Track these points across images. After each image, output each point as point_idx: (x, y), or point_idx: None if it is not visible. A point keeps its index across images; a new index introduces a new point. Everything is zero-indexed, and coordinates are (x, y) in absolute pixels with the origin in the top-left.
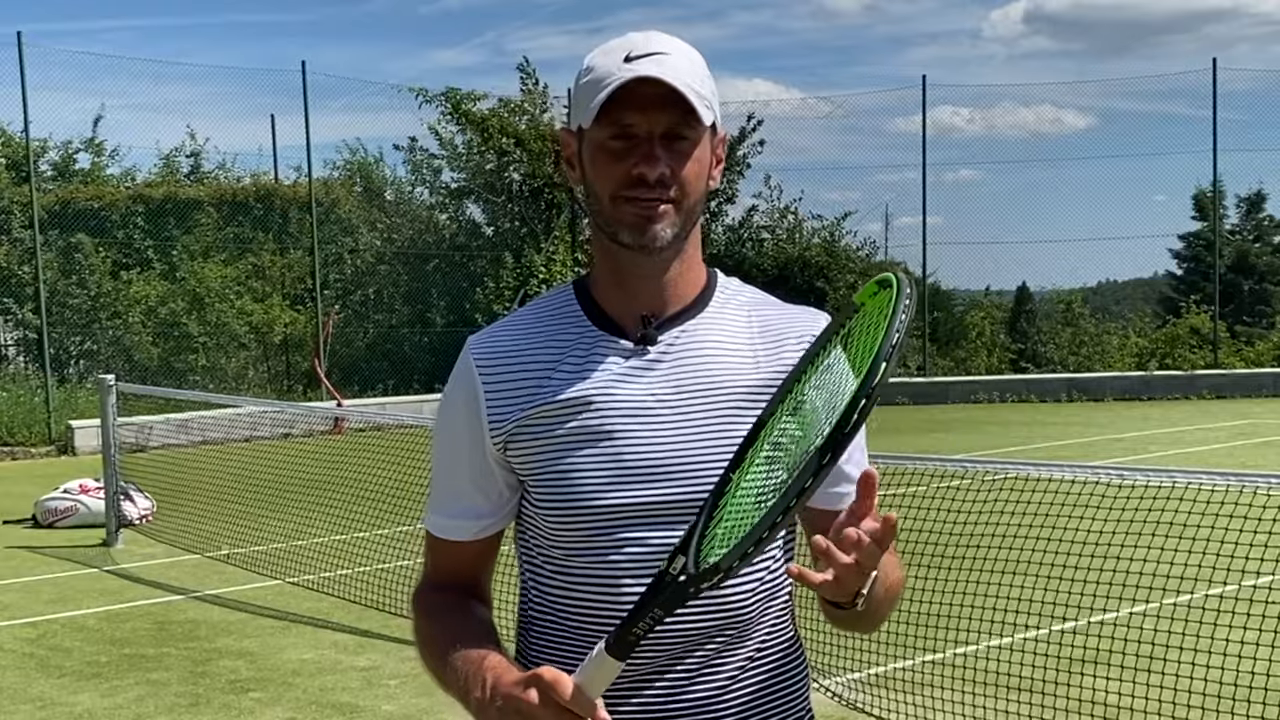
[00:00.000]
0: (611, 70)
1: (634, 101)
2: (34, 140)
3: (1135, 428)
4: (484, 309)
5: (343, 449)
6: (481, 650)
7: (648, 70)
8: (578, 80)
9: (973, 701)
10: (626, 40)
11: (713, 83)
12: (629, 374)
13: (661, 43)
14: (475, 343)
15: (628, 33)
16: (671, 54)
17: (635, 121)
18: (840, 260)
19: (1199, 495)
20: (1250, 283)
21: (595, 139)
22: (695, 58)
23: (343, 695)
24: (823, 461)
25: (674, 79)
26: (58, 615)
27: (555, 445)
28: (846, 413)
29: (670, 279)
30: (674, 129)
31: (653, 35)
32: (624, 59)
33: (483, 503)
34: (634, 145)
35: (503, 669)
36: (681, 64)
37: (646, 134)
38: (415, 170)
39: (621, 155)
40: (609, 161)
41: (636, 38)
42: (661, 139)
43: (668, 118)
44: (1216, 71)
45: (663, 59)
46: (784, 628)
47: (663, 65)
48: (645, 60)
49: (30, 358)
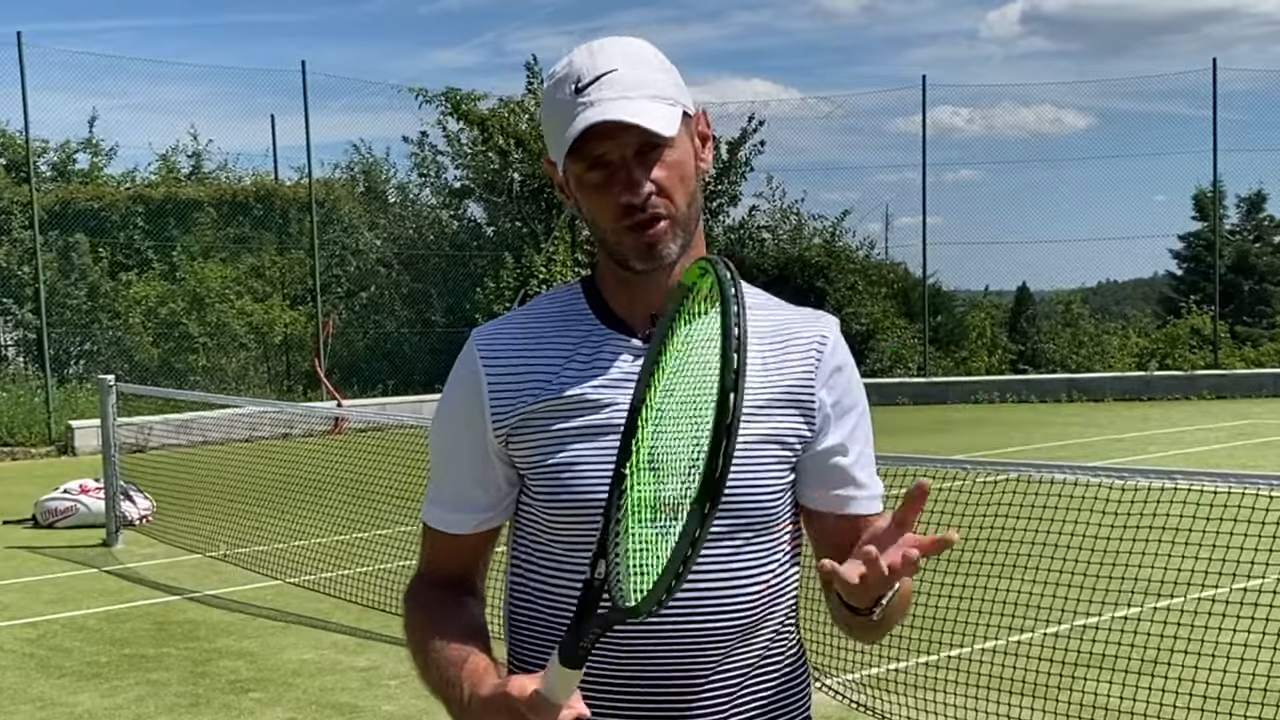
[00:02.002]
0: (565, 105)
1: (597, 132)
2: (34, 140)
3: (1135, 428)
4: (484, 309)
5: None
6: (464, 651)
7: (598, 111)
8: (543, 109)
9: (971, 704)
10: (571, 65)
11: (673, 72)
12: (636, 371)
13: (605, 59)
14: (480, 335)
15: (572, 52)
16: (619, 69)
17: (606, 150)
18: (840, 260)
19: (1199, 497)
20: (1250, 283)
21: (574, 173)
22: (646, 56)
23: (343, 695)
24: (705, 512)
25: (625, 107)
26: (58, 615)
27: (559, 439)
28: (710, 458)
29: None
30: (644, 144)
31: (595, 50)
32: (574, 90)
33: (482, 496)
34: (612, 173)
35: (480, 674)
36: (631, 75)
37: (620, 159)
38: (419, 167)
39: (604, 186)
40: (595, 195)
41: (580, 60)
42: (636, 156)
43: (634, 138)
44: (1216, 71)
45: (612, 80)
46: (789, 629)
47: (614, 88)
48: (594, 87)
49: (30, 358)
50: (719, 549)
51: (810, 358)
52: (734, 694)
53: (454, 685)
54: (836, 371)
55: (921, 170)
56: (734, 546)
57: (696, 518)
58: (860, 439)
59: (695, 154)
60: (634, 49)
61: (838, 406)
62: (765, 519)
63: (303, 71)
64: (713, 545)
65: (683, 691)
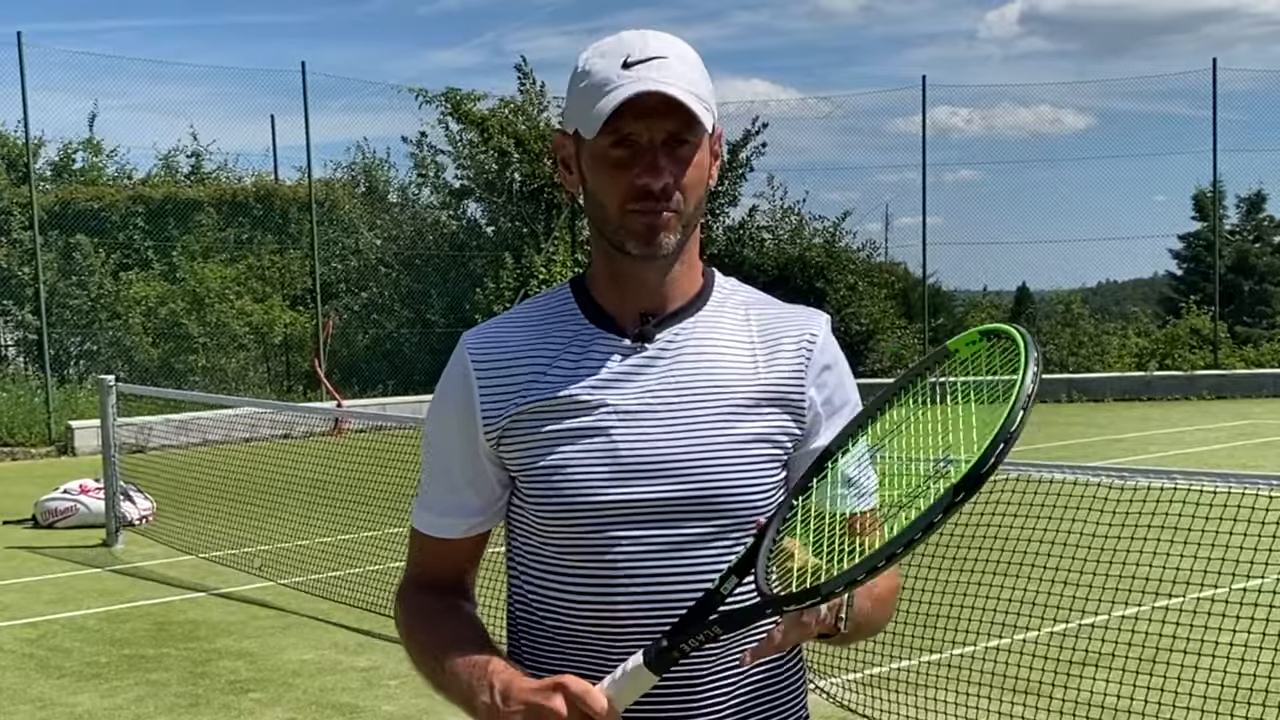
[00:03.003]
0: (610, 77)
1: (635, 109)
2: (33, 140)
3: (1135, 428)
4: (484, 309)
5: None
6: (483, 655)
7: (649, 84)
8: (573, 82)
9: (970, 703)
10: (622, 42)
11: (709, 81)
12: (626, 371)
13: (659, 45)
14: (470, 338)
15: (620, 32)
16: (669, 57)
17: (637, 130)
18: (840, 260)
19: (1199, 497)
20: (1250, 283)
21: (596, 147)
22: (692, 58)
23: (343, 695)
24: (955, 499)
25: (676, 88)
26: (58, 615)
27: (549, 440)
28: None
29: (670, 278)
30: (676, 135)
31: (649, 36)
32: (622, 64)
33: (474, 500)
34: (636, 154)
35: (512, 673)
36: (680, 68)
37: (648, 142)
38: (419, 166)
39: (625, 165)
40: (613, 172)
41: (632, 39)
42: (663, 145)
43: (669, 125)
44: (1216, 71)
45: (662, 64)
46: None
47: (663, 71)
48: (644, 66)
49: (30, 358)
50: (712, 548)
51: (800, 356)
52: (732, 691)
53: (481, 685)
54: (826, 369)
55: (921, 170)
56: (726, 546)
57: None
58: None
59: (709, 168)
60: (683, 48)
61: (828, 404)
62: (756, 518)
63: (303, 72)
64: (705, 544)
65: (683, 689)
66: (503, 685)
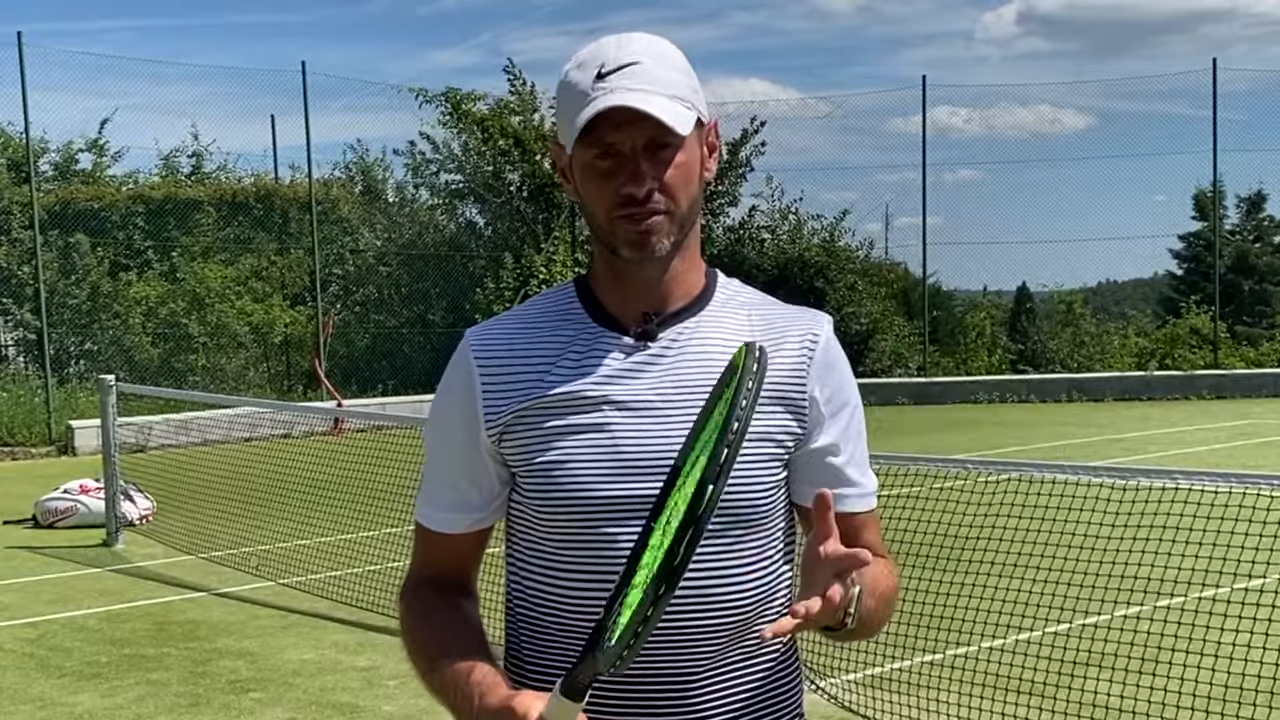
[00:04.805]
0: (585, 90)
1: (613, 119)
2: (34, 140)
3: (1135, 428)
4: (484, 309)
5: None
6: (470, 661)
7: (618, 96)
8: (557, 94)
9: (970, 703)
10: (599, 50)
11: (693, 77)
12: (629, 370)
13: (634, 49)
14: (474, 335)
15: (601, 38)
16: (644, 61)
17: (618, 140)
18: (840, 260)
19: (1200, 497)
20: (1250, 283)
21: (581, 158)
22: (671, 57)
23: (343, 695)
24: (659, 594)
25: (645, 100)
26: (58, 615)
27: (550, 436)
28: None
29: (671, 277)
30: (656, 139)
31: (625, 41)
32: (596, 75)
33: (475, 496)
34: (619, 163)
35: (488, 685)
36: (656, 71)
37: (630, 150)
38: (415, 171)
39: (609, 174)
40: (598, 181)
41: (608, 46)
42: (645, 150)
43: (648, 131)
44: (1216, 71)
45: (635, 71)
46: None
47: (635, 79)
48: (618, 75)
49: (30, 358)
50: (711, 546)
51: (802, 356)
52: (729, 689)
53: (464, 695)
54: (828, 369)
55: (921, 170)
56: (726, 544)
57: (650, 597)
58: (853, 436)
59: (702, 160)
60: (660, 48)
61: (830, 404)
62: (757, 516)
63: (303, 72)
64: (705, 542)
65: (679, 687)
66: (478, 698)
